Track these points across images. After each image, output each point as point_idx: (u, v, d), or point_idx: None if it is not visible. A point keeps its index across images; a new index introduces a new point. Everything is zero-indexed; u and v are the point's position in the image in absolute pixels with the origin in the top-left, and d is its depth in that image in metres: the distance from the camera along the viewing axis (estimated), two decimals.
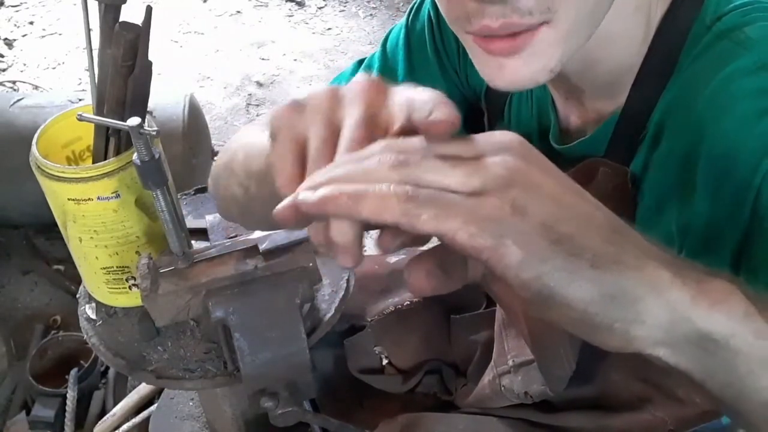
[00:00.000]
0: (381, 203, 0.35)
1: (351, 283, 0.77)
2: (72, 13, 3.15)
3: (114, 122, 0.65)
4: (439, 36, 0.81)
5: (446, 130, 0.38)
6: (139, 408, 1.48)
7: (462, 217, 0.35)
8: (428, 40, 0.81)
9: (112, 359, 0.75)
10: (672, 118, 0.60)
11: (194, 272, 0.68)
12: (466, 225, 0.35)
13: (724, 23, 0.57)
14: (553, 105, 0.72)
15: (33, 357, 1.57)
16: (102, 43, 0.66)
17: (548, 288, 0.36)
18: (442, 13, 0.59)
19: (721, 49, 0.57)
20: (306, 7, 3.26)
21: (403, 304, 0.99)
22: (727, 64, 0.55)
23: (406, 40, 0.83)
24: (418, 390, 0.98)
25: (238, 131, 0.83)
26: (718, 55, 0.57)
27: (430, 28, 0.81)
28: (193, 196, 0.94)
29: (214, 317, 0.66)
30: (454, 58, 0.81)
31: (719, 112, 0.55)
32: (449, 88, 0.84)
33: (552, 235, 0.35)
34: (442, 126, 0.38)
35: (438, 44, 0.81)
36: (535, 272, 0.35)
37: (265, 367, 0.66)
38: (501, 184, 0.36)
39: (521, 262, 0.35)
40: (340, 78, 0.89)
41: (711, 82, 0.56)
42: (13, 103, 1.82)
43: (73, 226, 0.70)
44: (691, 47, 0.59)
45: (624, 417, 0.79)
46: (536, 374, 0.79)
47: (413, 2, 0.84)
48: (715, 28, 0.57)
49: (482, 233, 0.35)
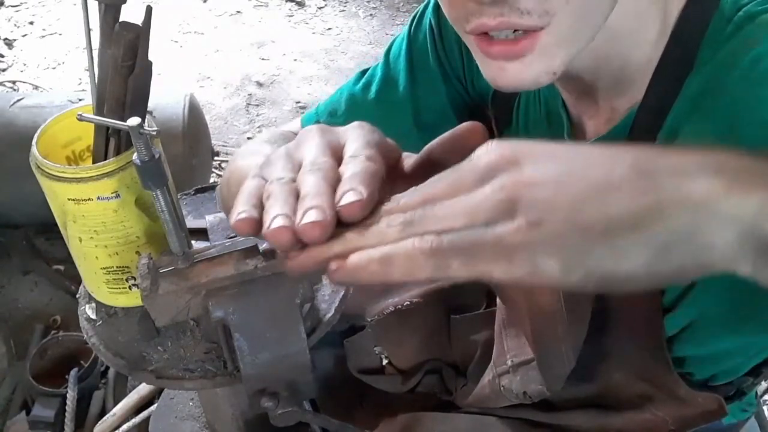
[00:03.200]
0: (411, 264, 0.35)
1: None
2: (72, 13, 3.15)
3: (114, 122, 0.65)
4: (441, 44, 0.81)
5: (358, 211, 0.38)
6: (139, 408, 1.48)
7: (489, 255, 0.34)
8: (430, 49, 0.81)
9: (112, 359, 0.75)
10: (697, 107, 0.59)
11: (194, 272, 0.68)
12: (496, 261, 0.34)
13: (746, 12, 0.57)
14: (564, 106, 0.72)
15: (33, 357, 1.57)
16: (102, 43, 0.66)
17: (603, 276, 0.34)
18: (445, 14, 0.59)
19: (746, 33, 0.56)
20: (306, 7, 3.27)
21: (403, 304, 0.99)
22: (754, 46, 0.55)
23: (407, 49, 0.83)
24: (418, 390, 0.97)
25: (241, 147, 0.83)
26: (744, 39, 0.56)
27: (431, 37, 0.81)
28: (193, 196, 0.94)
29: (214, 317, 0.66)
30: (458, 66, 0.81)
31: (753, 89, 0.54)
32: (451, 96, 0.84)
33: (579, 225, 0.34)
34: (353, 208, 0.38)
35: (440, 52, 0.81)
36: (582, 271, 0.34)
37: (265, 367, 0.66)
38: (507, 208, 0.34)
39: (563, 270, 0.34)
40: (342, 90, 0.89)
41: (740, 64, 0.56)
42: (13, 103, 1.82)
43: (73, 226, 0.70)
44: (711, 40, 0.59)
45: (625, 416, 0.79)
46: (534, 374, 0.79)
47: (415, 12, 0.84)
48: (736, 18, 0.57)
49: (514, 264, 0.34)
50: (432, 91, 0.83)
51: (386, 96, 0.84)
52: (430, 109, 0.84)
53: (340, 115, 0.86)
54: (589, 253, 0.34)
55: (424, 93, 0.83)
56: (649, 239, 0.33)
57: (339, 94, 0.89)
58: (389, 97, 0.84)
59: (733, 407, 0.80)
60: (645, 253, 0.33)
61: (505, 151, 0.36)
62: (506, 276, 0.34)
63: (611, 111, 0.67)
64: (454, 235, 0.35)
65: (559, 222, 0.34)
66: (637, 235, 0.33)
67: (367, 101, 0.85)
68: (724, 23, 0.58)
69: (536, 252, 0.34)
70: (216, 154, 2.14)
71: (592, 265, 0.34)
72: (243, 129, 2.55)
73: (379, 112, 0.84)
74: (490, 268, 0.34)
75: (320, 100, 0.93)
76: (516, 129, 0.79)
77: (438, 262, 0.35)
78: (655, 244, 0.33)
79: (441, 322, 0.98)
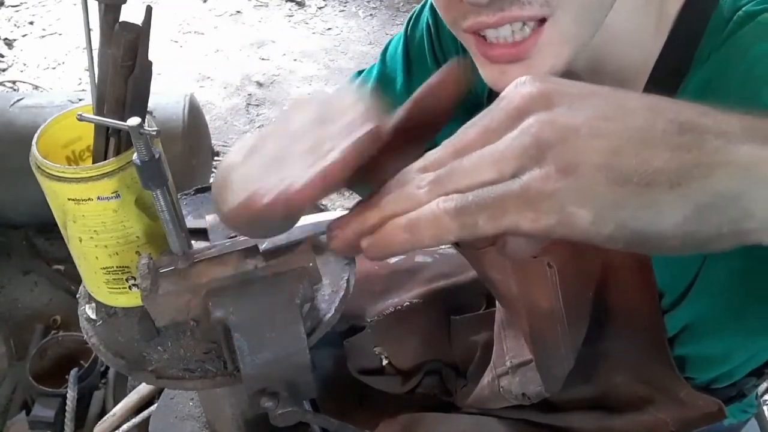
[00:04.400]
0: (437, 226, 0.34)
1: (351, 283, 0.76)
2: (72, 13, 3.15)
3: (114, 122, 0.65)
4: (438, 44, 0.81)
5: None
6: (139, 408, 1.48)
7: (515, 207, 0.32)
8: (427, 48, 0.81)
9: (112, 359, 0.75)
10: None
11: (194, 272, 0.68)
12: (523, 213, 0.32)
13: (745, 11, 0.57)
14: None
15: (33, 357, 1.57)
16: (102, 43, 0.66)
17: (636, 232, 0.32)
18: (440, 16, 0.58)
19: (746, 32, 0.56)
20: (306, 7, 3.27)
21: (403, 304, 0.99)
22: (757, 43, 0.55)
23: (404, 49, 0.83)
24: (418, 391, 0.97)
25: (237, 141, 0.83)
26: (746, 37, 0.56)
27: (428, 37, 0.81)
28: (193, 196, 0.94)
29: (214, 317, 0.66)
30: None
31: (757, 87, 0.54)
32: None
33: (613, 175, 0.32)
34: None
35: (437, 52, 0.81)
36: (614, 224, 0.32)
37: (265, 367, 0.65)
38: (535, 154, 0.33)
39: (595, 222, 0.32)
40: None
41: (743, 62, 0.55)
42: (13, 103, 1.82)
43: (73, 226, 0.70)
44: (709, 40, 0.58)
45: (625, 418, 0.79)
46: (533, 375, 0.79)
47: (412, 12, 0.84)
48: (736, 17, 0.57)
49: (542, 214, 0.32)
50: None
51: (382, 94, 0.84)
52: None
53: None
54: (623, 205, 0.32)
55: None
56: (689, 198, 0.32)
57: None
58: (385, 95, 0.84)
59: (733, 408, 0.80)
60: (682, 212, 0.32)
61: (536, 89, 0.35)
62: (534, 227, 0.32)
63: None
64: (480, 190, 0.33)
65: (594, 168, 0.32)
66: (676, 191, 0.32)
67: None
68: (723, 23, 0.58)
69: (567, 201, 0.32)
70: (216, 154, 2.14)
71: (625, 218, 0.32)
72: (243, 129, 2.55)
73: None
74: (516, 220, 0.32)
75: None
76: None
77: (464, 220, 0.33)
78: (694, 203, 0.32)
79: (441, 322, 0.98)
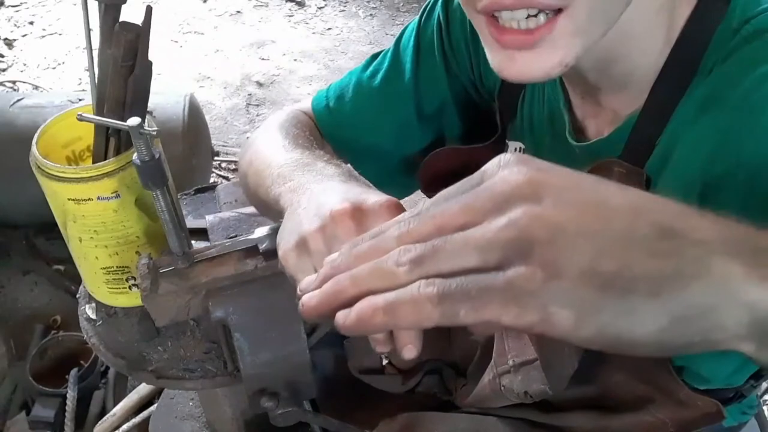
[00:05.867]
0: (417, 312, 0.34)
1: None
2: (72, 13, 3.15)
3: (114, 122, 0.65)
4: (448, 40, 0.81)
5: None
6: (139, 408, 1.48)
7: (498, 301, 0.33)
8: (436, 44, 0.82)
9: (112, 359, 0.75)
10: (698, 117, 0.59)
11: (194, 272, 0.68)
12: (505, 308, 0.32)
13: (753, 26, 0.56)
14: (567, 105, 0.72)
15: (33, 357, 1.57)
16: (102, 43, 0.66)
17: (613, 336, 0.33)
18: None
19: (752, 49, 0.56)
20: (306, 7, 3.27)
21: None
22: (759, 65, 0.54)
23: (415, 40, 0.84)
24: (418, 390, 0.97)
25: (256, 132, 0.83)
26: (750, 55, 0.56)
27: (438, 32, 0.82)
28: (193, 196, 0.94)
29: (214, 317, 0.66)
30: (465, 63, 0.82)
31: (752, 111, 0.54)
32: (455, 91, 0.84)
33: (596, 280, 0.32)
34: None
35: (446, 48, 0.82)
36: (594, 327, 0.32)
37: (265, 367, 0.66)
38: (521, 249, 0.33)
39: (576, 323, 0.32)
40: (352, 74, 0.89)
41: (742, 83, 0.55)
42: (13, 103, 1.82)
43: (73, 226, 0.70)
44: (715, 51, 0.58)
45: (625, 418, 0.79)
46: (536, 374, 0.79)
47: (427, 2, 0.84)
48: (743, 30, 0.57)
49: (525, 311, 0.32)
50: (435, 85, 0.84)
51: (390, 85, 0.85)
52: (432, 102, 0.85)
53: (348, 100, 0.87)
54: (604, 310, 0.32)
55: (427, 86, 0.84)
56: (665, 309, 0.32)
57: (349, 77, 0.89)
58: (393, 87, 0.85)
59: (733, 409, 0.80)
60: (659, 323, 0.32)
61: (524, 177, 0.34)
62: (516, 323, 0.33)
63: (613, 114, 0.67)
64: (464, 279, 0.33)
65: (578, 272, 0.32)
66: (655, 301, 0.32)
67: (372, 89, 0.86)
68: (730, 34, 0.57)
69: (550, 301, 0.32)
70: (216, 154, 2.14)
71: (606, 322, 0.32)
72: (243, 129, 2.55)
73: (382, 100, 0.85)
74: (499, 314, 0.33)
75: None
76: (520, 123, 0.80)
77: (446, 309, 0.33)
78: (670, 314, 0.32)
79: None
